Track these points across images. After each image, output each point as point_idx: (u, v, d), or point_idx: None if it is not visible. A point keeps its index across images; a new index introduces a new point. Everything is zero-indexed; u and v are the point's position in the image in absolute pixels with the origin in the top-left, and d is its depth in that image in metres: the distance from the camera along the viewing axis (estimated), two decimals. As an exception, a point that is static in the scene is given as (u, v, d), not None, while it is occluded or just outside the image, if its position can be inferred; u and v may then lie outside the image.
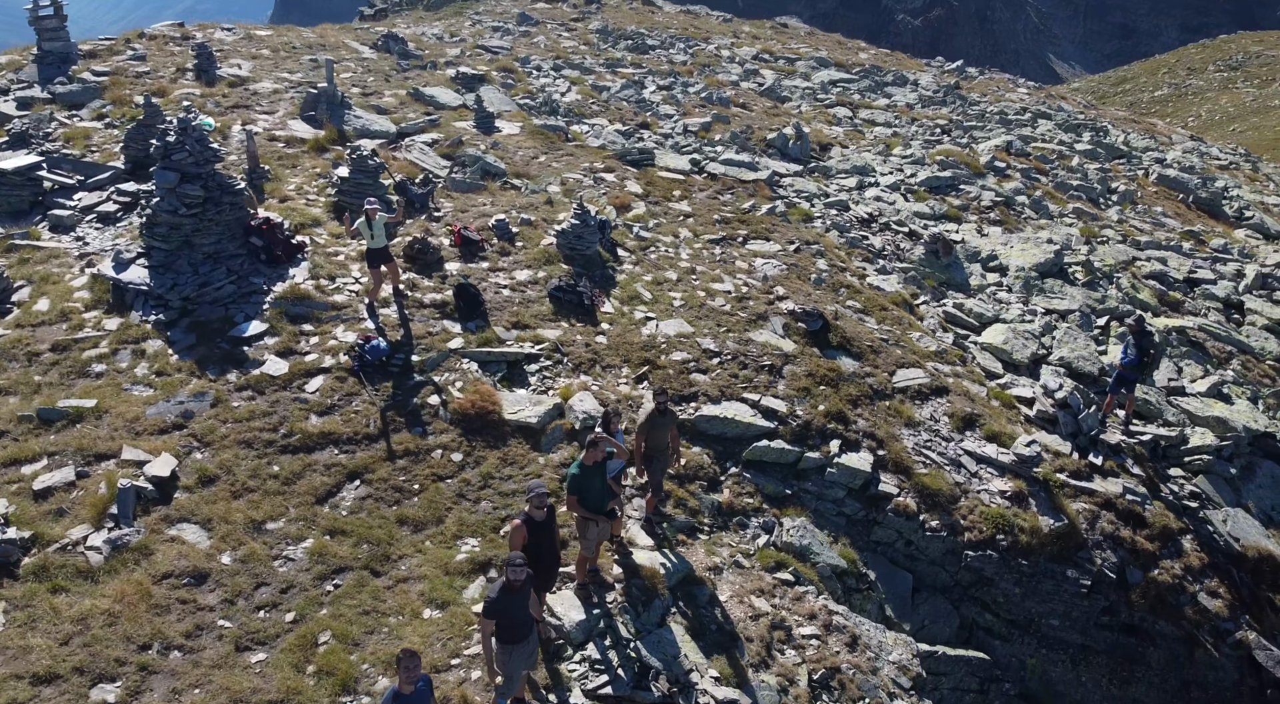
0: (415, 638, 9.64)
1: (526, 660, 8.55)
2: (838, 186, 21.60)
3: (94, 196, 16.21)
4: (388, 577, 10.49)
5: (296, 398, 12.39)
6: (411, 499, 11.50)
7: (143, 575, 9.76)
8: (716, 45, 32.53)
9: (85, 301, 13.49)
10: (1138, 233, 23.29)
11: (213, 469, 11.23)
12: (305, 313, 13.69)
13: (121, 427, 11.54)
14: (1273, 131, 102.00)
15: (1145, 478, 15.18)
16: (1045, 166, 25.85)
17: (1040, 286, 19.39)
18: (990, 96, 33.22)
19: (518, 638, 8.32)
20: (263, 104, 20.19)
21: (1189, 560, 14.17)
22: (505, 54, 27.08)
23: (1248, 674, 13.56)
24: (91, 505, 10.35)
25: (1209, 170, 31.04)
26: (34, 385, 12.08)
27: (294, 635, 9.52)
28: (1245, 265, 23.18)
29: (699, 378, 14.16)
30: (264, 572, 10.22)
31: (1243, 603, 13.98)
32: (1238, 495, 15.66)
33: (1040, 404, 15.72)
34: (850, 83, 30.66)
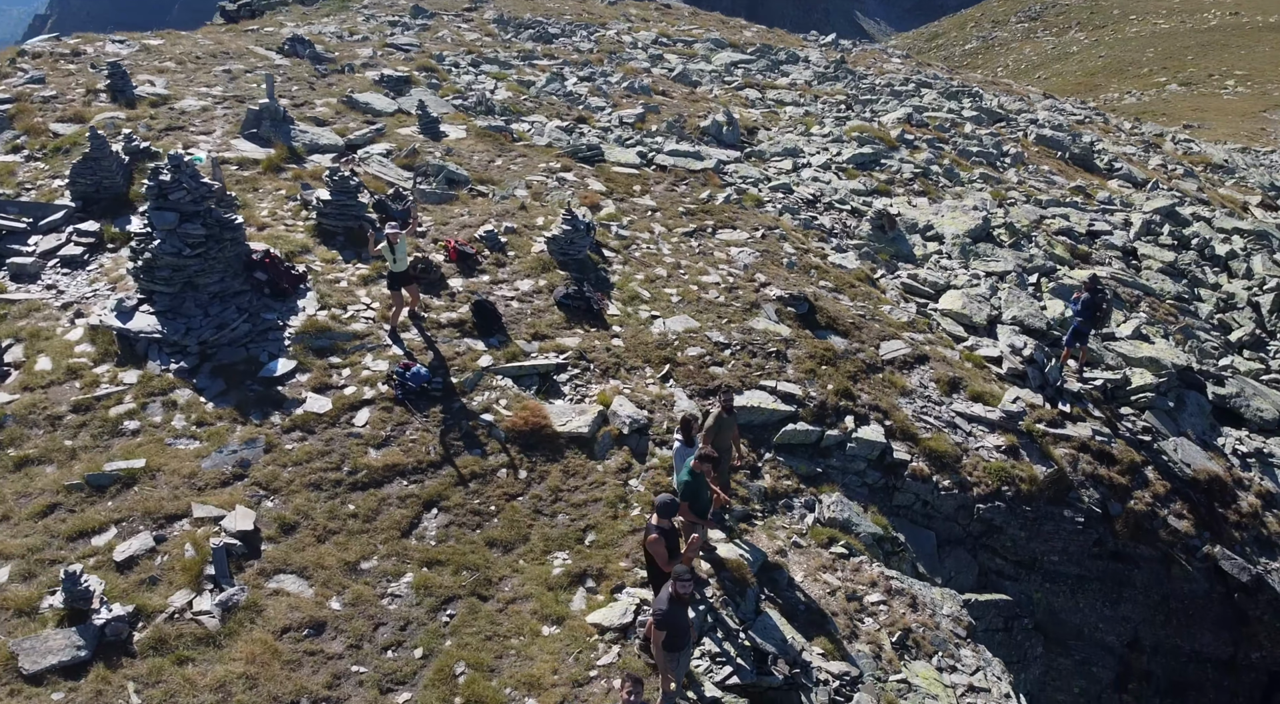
0: (546, 656, 9.98)
1: (687, 664, 9.11)
2: (775, 170, 22.58)
3: (51, 240, 15.21)
4: (495, 600, 10.72)
5: (349, 433, 12.28)
6: (492, 521, 11.70)
7: (263, 633, 9.65)
8: (616, 31, 32.83)
9: (91, 356, 12.79)
10: (1038, 192, 25.44)
11: (290, 516, 11.07)
12: (329, 345, 13.47)
13: (181, 484, 11.17)
14: (1073, 76, 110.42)
15: (1105, 419, 17.00)
16: (945, 135, 27.72)
17: (975, 251, 21.04)
18: (874, 69, 35.06)
19: (681, 645, 8.85)
20: (196, 124, 19.22)
21: (1155, 489, 16.06)
22: (417, 51, 26.53)
23: (1216, 582, 15.58)
24: (184, 569, 10.07)
25: (1072, 127, 33.95)
26: (68, 451, 11.47)
27: (430, 671, 9.68)
28: (1130, 214, 25.78)
29: (717, 371, 14.84)
30: (376, 612, 10.27)
31: (1203, 521, 16.00)
32: (1177, 425, 17.75)
33: (1009, 361, 17.26)
34: (749, 63, 31.70)
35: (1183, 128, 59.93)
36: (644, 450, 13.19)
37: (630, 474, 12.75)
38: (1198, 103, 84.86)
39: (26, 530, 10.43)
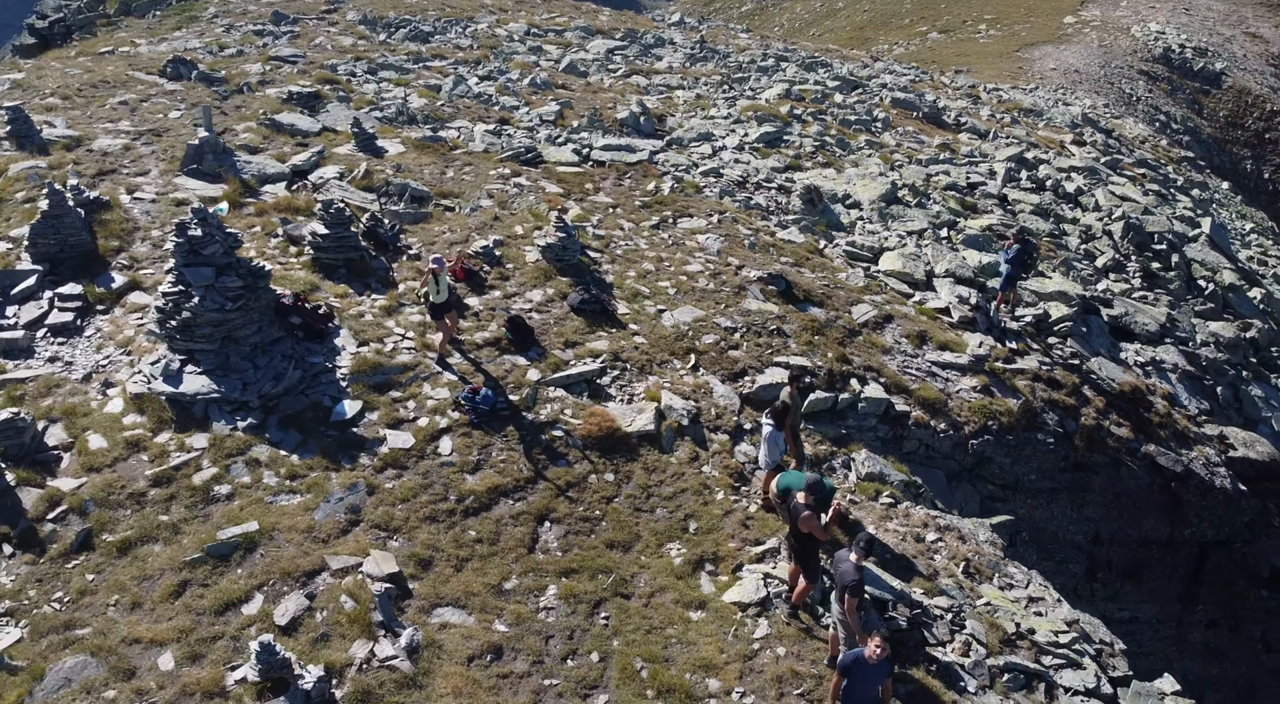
0: (706, 639, 10.89)
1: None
2: (698, 155, 23.74)
3: (32, 309, 14.17)
4: (637, 597, 11.47)
5: (441, 463, 12.52)
6: (600, 525, 12.37)
7: (452, 666, 10.00)
8: (487, 24, 32.66)
9: (145, 425, 12.27)
10: (915, 152, 27.96)
11: (421, 552, 11.31)
12: (385, 380, 13.51)
13: (302, 539, 11.14)
14: (844, 31, 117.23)
15: (1042, 350, 19.47)
16: (822, 107, 29.78)
17: (890, 214, 23.12)
18: (732, 46, 36.69)
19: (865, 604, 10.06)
20: (127, 165, 18.07)
21: (1095, 404, 18.67)
22: (304, 62, 25.59)
23: (1155, 476, 18.39)
24: (351, 621, 10.20)
25: (914, 87, 37.06)
26: (168, 526, 11.12)
27: (615, 671, 10.38)
28: (992, 165, 28.82)
29: (735, 354, 15.97)
30: (540, 627, 10.80)
31: (1136, 425, 18.78)
32: (1091, 347, 20.54)
33: (958, 311, 19.34)
34: (624, 49, 32.50)
35: (954, 73, 64.18)
36: (702, 438, 14.17)
37: (700, 462, 13.71)
38: (958, 48, 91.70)
39: (168, 613, 10.18)
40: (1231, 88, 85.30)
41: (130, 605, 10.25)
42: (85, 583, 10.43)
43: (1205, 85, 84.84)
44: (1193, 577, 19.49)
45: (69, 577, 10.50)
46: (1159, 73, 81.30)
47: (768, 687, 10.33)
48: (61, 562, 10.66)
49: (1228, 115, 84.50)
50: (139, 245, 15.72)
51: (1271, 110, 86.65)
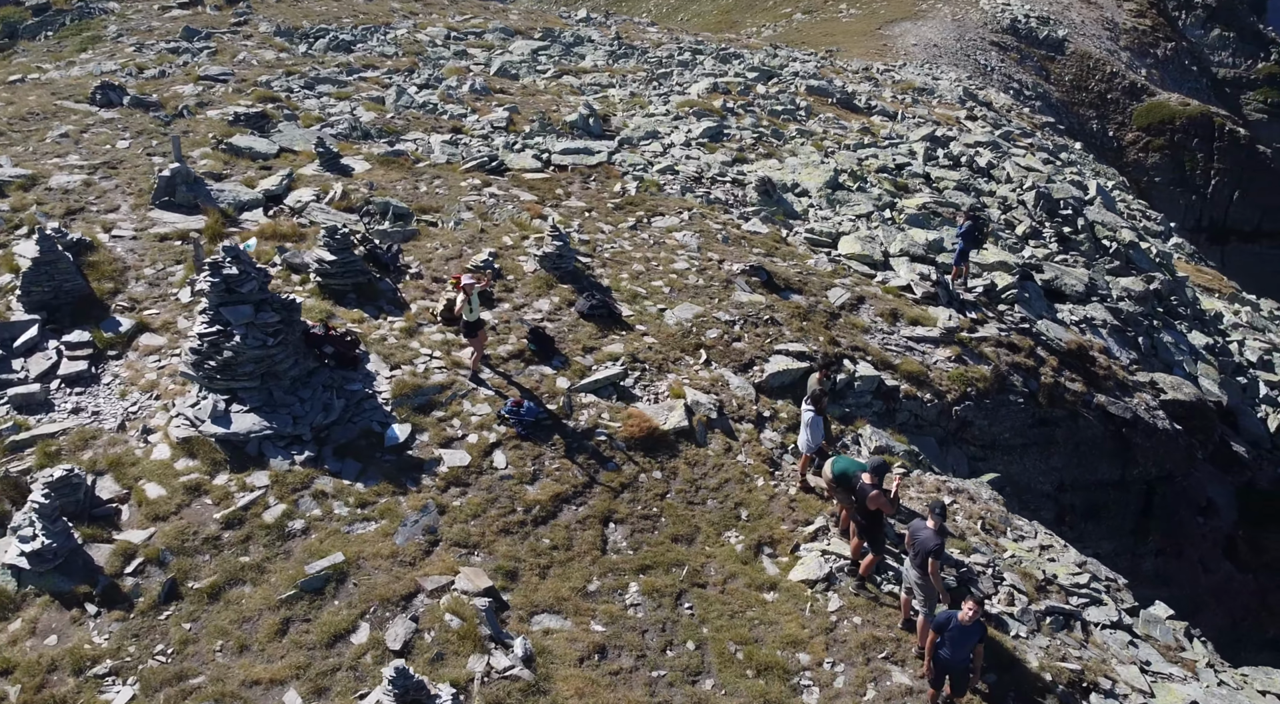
0: (786, 617, 11.69)
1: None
2: (650, 154, 24.38)
3: (40, 361, 13.71)
4: (712, 585, 12.17)
5: (500, 477, 12.88)
6: (660, 521, 12.99)
7: (568, 669, 10.48)
8: (406, 30, 32.25)
9: (200, 469, 12.15)
10: (842, 137, 29.35)
11: (505, 564, 11.70)
12: (426, 401, 13.71)
13: (390, 565, 11.35)
14: (711, 15, 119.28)
15: (996, 317, 21.03)
16: (748, 99, 30.82)
17: (836, 199, 24.35)
18: (647, 42, 37.29)
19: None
20: (94, 201, 17.42)
21: (1050, 363, 20.34)
22: (235, 80, 24.89)
23: (1107, 424, 20.22)
24: (462, 637, 10.53)
25: (822, 73, 38.59)
26: (252, 567, 11.13)
27: (713, 657, 11.07)
28: (911, 145, 30.50)
29: (739, 346, 16.78)
30: (634, 623, 11.37)
31: (1086, 379, 20.56)
32: (1034, 310, 22.28)
33: (920, 287, 20.67)
34: (547, 49, 32.68)
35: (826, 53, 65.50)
36: (730, 429, 14.94)
37: (734, 452, 14.49)
38: (824, 28, 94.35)
39: (278, 651, 10.28)
40: (1074, 53, 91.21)
41: (238, 649, 10.29)
42: (184, 632, 10.39)
43: (1050, 52, 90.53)
44: (1142, 512, 21.52)
45: (165, 628, 10.44)
46: (1008, 43, 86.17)
47: (854, 654, 11.21)
48: (153, 614, 10.57)
49: (1073, 79, 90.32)
50: (135, 285, 15.32)
51: (1111, 72, 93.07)
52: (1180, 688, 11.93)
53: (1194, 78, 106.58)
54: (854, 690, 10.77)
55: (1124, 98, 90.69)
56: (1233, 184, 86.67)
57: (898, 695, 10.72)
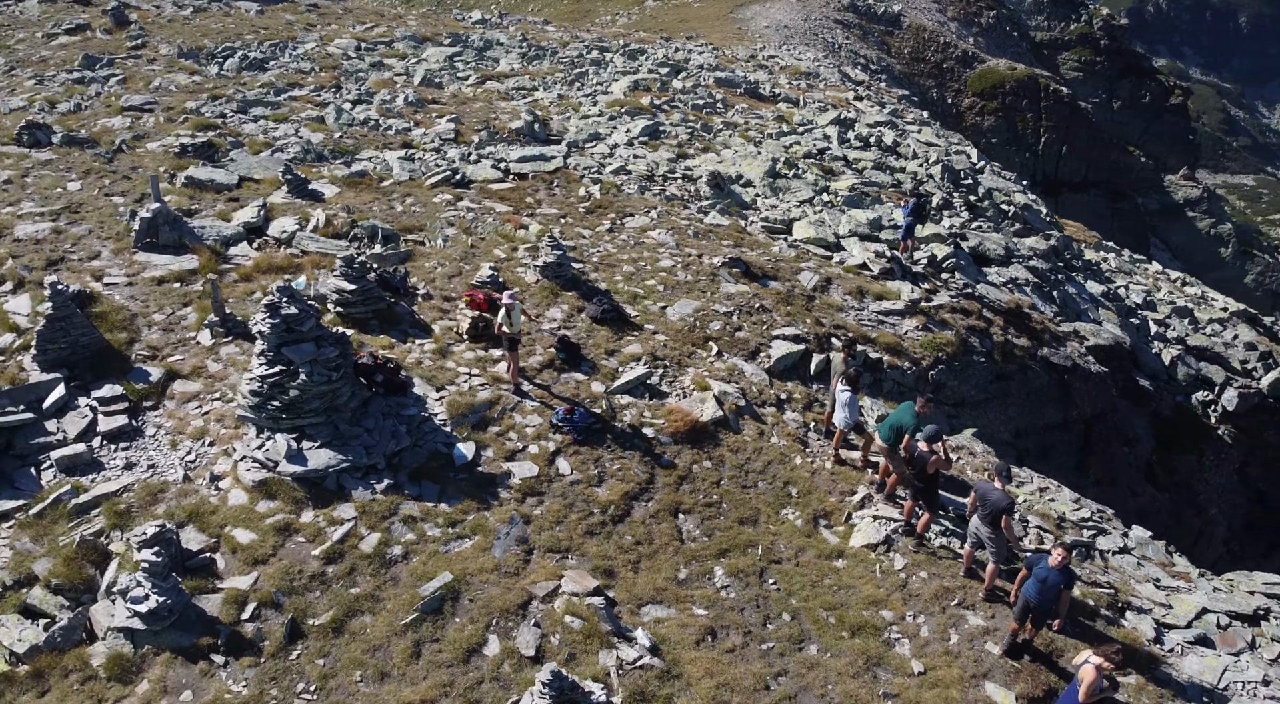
0: (860, 581, 12.79)
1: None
2: (598, 155, 25.00)
3: (75, 421, 13.32)
4: (786, 561, 13.16)
5: (570, 482, 13.46)
6: (723, 506, 13.88)
7: (691, 653, 11.26)
8: (314, 43, 31.47)
9: (283, 508, 12.20)
10: (763, 127, 30.70)
11: (599, 562, 12.34)
12: (480, 418, 14.10)
13: (496, 578, 11.80)
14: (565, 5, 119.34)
15: (943, 285, 22.80)
16: (668, 95, 31.73)
17: (778, 187, 25.66)
18: (553, 42, 37.53)
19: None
20: (72, 249, 16.74)
21: (997, 323, 22.25)
22: (161, 108, 23.97)
23: (1050, 373, 22.31)
24: (587, 636, 11.15)
25: (724, 64, 39.89)
26: (367, 596, 11.36)
27: (810, 624, 12.05)
28: (824, 130, 32.18)
29: (742, 335, 17.79)
30: (730, 603, 12.24)
31: (1028, 335, 22.59)
32: (971, 276, 24.22)
33: (878, 264, 22.20)
34: (461, 55, 32.56)
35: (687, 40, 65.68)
36: (756, 414, 15.95)
37: (766, 436, 15.51)
38: (678, 14, 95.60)
39: (419, 673, 10.64)
40: (910, 27, 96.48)
41: (378, 676, 10.59)
42: (321, 669, 10.60)
43: (888, 27, 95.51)
44: (1082, 449, 23.85)
45: (300, 667, 10.62)
46: (850, 20, 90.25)
47: (930, 605, 12.44)
48: (283, 656, 10.71)
49: (911, 51, 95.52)
50: (149, 333, 14.98)
51: (944, 42, 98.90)
52: (1189, 597, 13.74)
53: (1015, 43, 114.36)
54: (939, 637, 11.99)
55: (958, 66, 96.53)
56: (1060, 140, 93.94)
57: (977, 635, 12.01)
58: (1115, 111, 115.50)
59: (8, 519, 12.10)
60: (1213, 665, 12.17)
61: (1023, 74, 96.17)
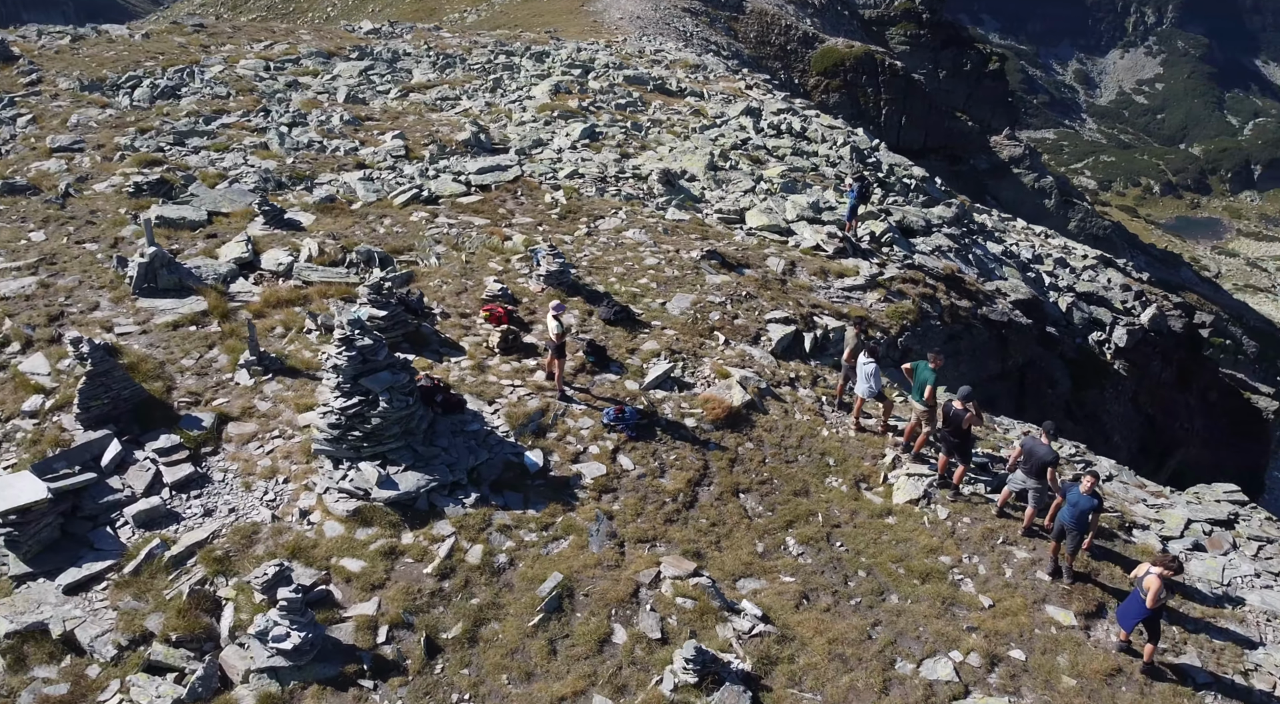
0: (914, 533, 14.15)
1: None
2: (546, 161, 25.56)
3: (138, 477, 13.12)
4: (844, 524, 14.39)
5: (637, 476, 14.27)
6: (774, 482, 15.00)
7: (796, 615, 12.34)
8: (220, 68, 30.42)
9: (383, 533, 12.48)
10: (685, 122, 31.87)
11: (686, 547, 13.25)
12: (536, 426, 14.69)
13: (598, 573, 12.49)
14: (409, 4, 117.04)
15: (888, 258, 24.62)
16: (589, 96, 32.44)
17: (720, 179, 26.90)
18: (456, 48, 37.37)
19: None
20: (66, 302, 16.17)
21: (940, 288, 24.23)
22: (92, 147, 22.95)
23: (990, 329, 24.48)
24: (702, 613, 12.02)
25: (625, 62, 40.76)
26: (489, 605, 11.83)
27: (884, 577, 13.33)
28: (739, 120, 33.63)
29: (740, 322, 18.92)
30: (811, 568, 13.37)
31: (968, 296, 24.69)
32: (903, 247, 26.16)
33: (831, 245, 23.75)
34: (373, 68, 32.14)
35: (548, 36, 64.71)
36: (776, 394, 17.14)
37: (790, 413, 16.72)
38: (531, 9, 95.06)
39: (561, 669, 11.27)
40: (753, 11, 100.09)
41: (524, 677, 11.18)
42: (467, 678, 11.10)
43: (733, 13, 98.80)
44: (1019, 395, 26.25)
45: (448, 679, 11.08)
46: (697, 8, 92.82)
47: (980, 546, 13.95)
48: (429, 671, 11.14)
49: (756, 35, 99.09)
50: (184, 379, 14.80)
51: (786, 25, 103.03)
52: (1173, 511, 15.82)
53: (847, 21, 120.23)
54: (995, 573, 13.50)
55: (800, 47, 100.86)
56: (900, 111, 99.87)
57: (1027, 567, 13.58)
58: (941, 81, 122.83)
59: (100, 581, 11.94)
60: (1213, 566, 14.17)
61: (860, 51, 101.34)
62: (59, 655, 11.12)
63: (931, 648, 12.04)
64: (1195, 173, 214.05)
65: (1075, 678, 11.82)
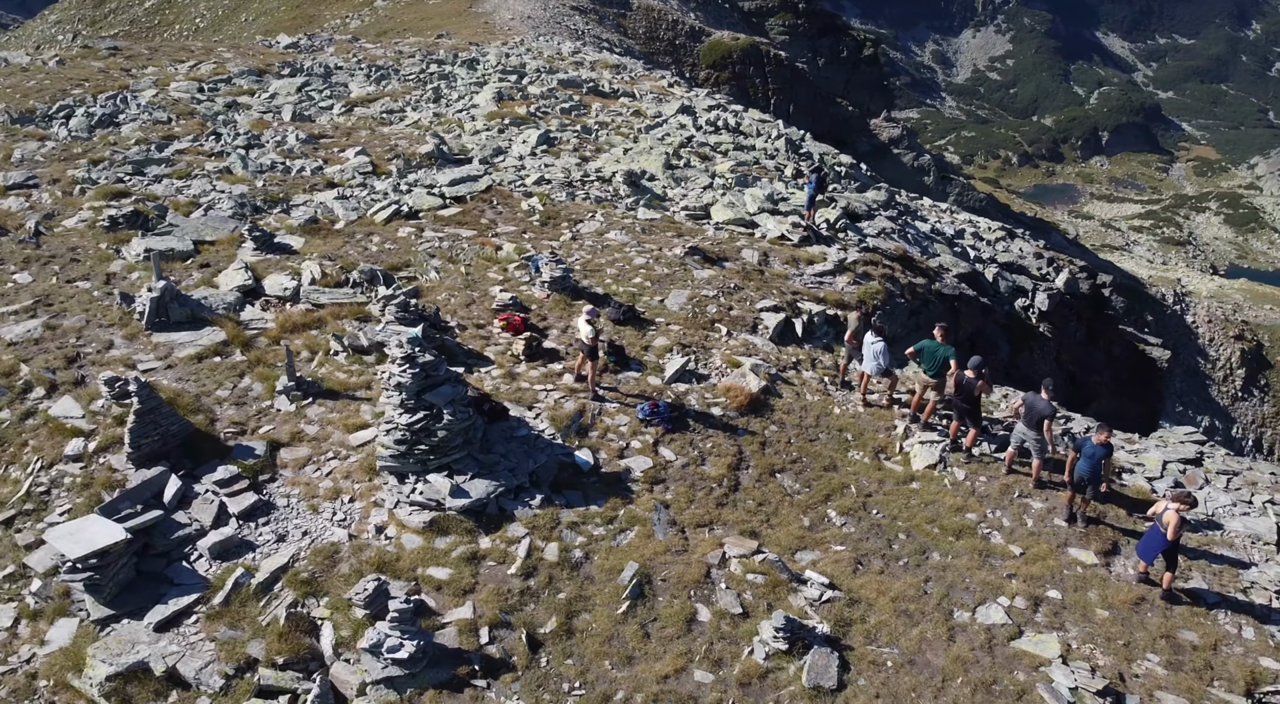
0: (939, 496, 15.36)
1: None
2: (511, 169, 25.97)
3: (204, 509, 13.18)
4: (875, 493, 15.46)
5: (681, 466, 15.04)
6: (804, 461, 15.99)
7: (855, 580, 13.34)
8: (151, 92, 29.51)
9: (461, 541, 12.89)
10: (628, 123, 32.63)
11: (742, 527, 14.10)
12: (577, 428, 15.30)
13: (673, 559, 13.25)
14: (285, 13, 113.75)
15: (846, 244, 25.96)
16: (533, 100, 32.83)
17: (679, 177, 27.79)
18: (384, 59, 37.01)
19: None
20: (83, 344, 15.88)
21: (897, 268, 25.72)
22: (48, 183, 22.23)
23: (943, 302, 26.12)
24: (773, 586, 12.90)
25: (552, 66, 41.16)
26: (576, 598, 12.43)
27: (923, 538, 14.46)
28: (678, 118, 34.59)
29: (735, 313, 19.87)
30: (857, 535, 14.41)
31: (920, 273, 26.27)
32: (855, 232, 27.60)
33: (795, 234, 24.94)
34: (309, 85, 31.69)
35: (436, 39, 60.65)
36: (784, 378, 18.15)
37: (800, 396, 17.75)
38: (416, 13, 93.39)
39: (658, 650, 11.95)
40: (640, 7, 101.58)
41: (625, 661, 11.84)
42: (573, 667, 11.69)
43: (620, 9, 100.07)
44: (972, 363, 27.98)
45: (556, 670, 11.63)
46: (586, 6, 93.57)
47: (1000, 499, 15.26)
48: (535, 665, 11.67)
49: (645, 31, 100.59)
50: (224, 410, 14.83)
51: (673, 20, 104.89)
52: (1149, 454, 17.52)
53: (728, 13, 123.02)
54: (1018, 523, 14.82)
55: (689, 41, 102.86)
56: (787, 100, 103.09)
57: (1044, 516, 14.96)
58: (821, 68, 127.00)
59: (189, 615, 12.04)
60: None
61: (745, 43, 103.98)
62: (165, 692, 11.22)
63: (981, 596, 13.23)
64: (1049, 142, 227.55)
65: (1107, 609, 13.20)
